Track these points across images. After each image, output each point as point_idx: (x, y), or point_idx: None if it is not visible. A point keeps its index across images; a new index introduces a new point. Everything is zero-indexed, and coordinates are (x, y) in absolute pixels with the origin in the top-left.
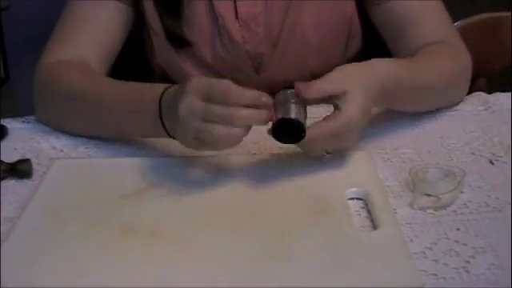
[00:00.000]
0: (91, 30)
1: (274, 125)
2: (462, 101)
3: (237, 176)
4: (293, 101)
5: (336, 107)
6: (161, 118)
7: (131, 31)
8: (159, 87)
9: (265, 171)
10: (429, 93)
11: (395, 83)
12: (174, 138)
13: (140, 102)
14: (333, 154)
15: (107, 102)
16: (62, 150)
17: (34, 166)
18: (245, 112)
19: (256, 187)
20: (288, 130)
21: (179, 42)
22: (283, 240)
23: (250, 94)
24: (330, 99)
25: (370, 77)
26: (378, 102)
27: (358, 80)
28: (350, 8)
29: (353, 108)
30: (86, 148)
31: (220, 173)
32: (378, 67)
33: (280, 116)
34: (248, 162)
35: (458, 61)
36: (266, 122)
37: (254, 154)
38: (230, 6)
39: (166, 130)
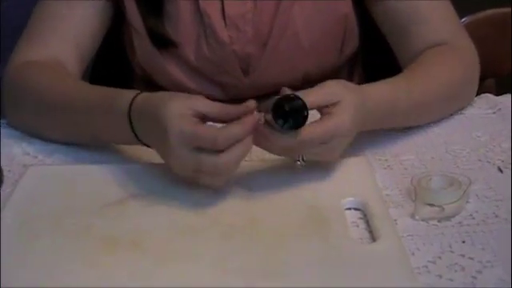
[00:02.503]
0: (65, 28)
1: (274, 104)
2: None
3: (227, 184)
4: None
5: (326, 113)
6: (133, 131)
7: (110, 28)
8: (127, 94)
9: (256, 179)
10: (430, 108)
11: (389, 108)
12: (149, 147)
13: (108, 109)
14: (306, 165)
15: (76, 108)
16: (36, 157)
17: (6, 174)
18: (236, 154)
19: (247, 197)
20: (288, 115)
21: (162, 42)
22: (275, 253)
23: (239, 128)
24: (322, 108)
25: (362, 101)
26: (369, 125)
27: (351, 94)
28: (346, 5)
29: (345, 114)
30: (63, 154)
31: None
32: (370, 94)
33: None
34: (239, 169)
35: (463, 65)
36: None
37: (245, 160)
38: (216, 3)
39: (139, 140)
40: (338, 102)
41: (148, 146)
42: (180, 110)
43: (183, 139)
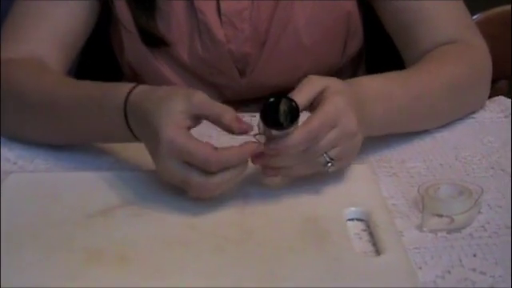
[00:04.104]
0: (48, 24)
1: (263, 108)
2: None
3: (220, 193)
4: None
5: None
6: (128, 125)
7: (96, 26)
8: (124, 87)
9: (252, 188)
10: (433, 107)
11: (383, 100)
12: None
13: (102, 102)
14: (337, 162)
15: (64, 103)
16: (15, 163)
17: None
18: (227, 178)
19: (242, 207)
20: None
21: (154, 41)
22: (272, 268)
23: (235, 155)
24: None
25: (348, 86)
26: (367, 125)
27: (335, 81)
28: (350, 2)
29: (336, 94)
30: (45, 160)
31: None
32: (359, 82)
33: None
34: None
35: (471, 64)
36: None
37: None
38: (211, 0)
39: (133, 134)
40: (325, 88)
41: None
42: (176, 114)
43: (173, 151)
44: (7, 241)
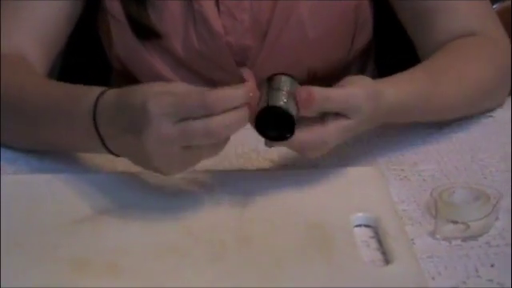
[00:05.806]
0: (30, 18)
1: (258, 114)
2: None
3: (218, 197)
4: (286, 90)
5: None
6: (97, 130)
7: (82, 16)
8: (94, 91)
9: (251, 191)
10: (453, 106)
11: (406, 109)
12: (114, 155)
13: (70, 109)
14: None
15: (33, 107)
16: None
17: None
18: (230, 118)
19: (241, 211)
20: (274, 123)
21: (145, 32)
22: (274, 277)
23: (235, 93)
24: None
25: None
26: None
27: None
28: None
29: (357, 87)
30: (28, 161)
31: (197, 192)
32: (384, 94)
33: (265, 104)
34: (231, 179)
35: (493, 59)
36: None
37: (239, 170)
38: None
39: (104, 145)
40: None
41: (115, 155)
42: (158, 95)
43: (166, 114)
44: None
